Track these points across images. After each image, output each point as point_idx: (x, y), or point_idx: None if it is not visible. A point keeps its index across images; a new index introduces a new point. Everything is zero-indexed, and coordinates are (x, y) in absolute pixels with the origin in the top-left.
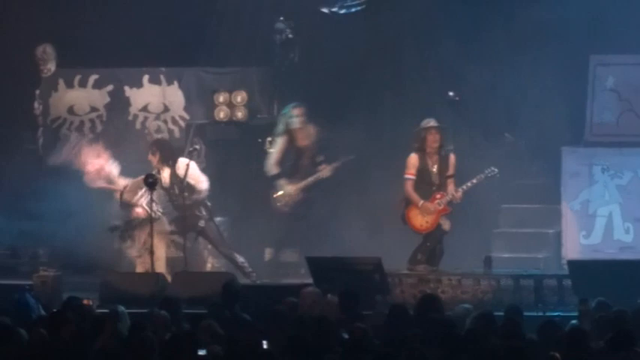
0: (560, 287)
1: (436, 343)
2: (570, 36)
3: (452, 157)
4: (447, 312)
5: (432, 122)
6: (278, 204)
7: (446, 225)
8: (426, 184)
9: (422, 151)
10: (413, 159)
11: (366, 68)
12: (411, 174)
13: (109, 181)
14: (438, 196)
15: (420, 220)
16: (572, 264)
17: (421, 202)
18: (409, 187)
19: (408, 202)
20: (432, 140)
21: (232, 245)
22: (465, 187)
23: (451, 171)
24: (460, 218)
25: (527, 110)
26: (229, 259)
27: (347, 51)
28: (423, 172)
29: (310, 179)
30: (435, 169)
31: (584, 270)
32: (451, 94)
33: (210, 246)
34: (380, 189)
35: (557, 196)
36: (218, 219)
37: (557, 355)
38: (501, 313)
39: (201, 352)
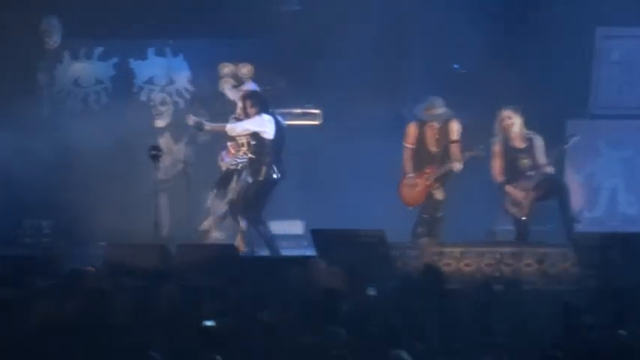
0: (565, 259)
1: (436, 315)
2: (576, 8)
3: (453, 123)
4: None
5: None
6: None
7: (439, 194)
8: (424, 154)
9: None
10: (412, 128)
11: (371, 40)
12: (409, 143)
13: None
14: (428, 170)
15: (408, 193)
16: (575, 236)
17: (410, 175)
18: (406, 157)
19: (404, 173)
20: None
21: None
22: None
23: (454, 137)
24: (465, 192)
25: (532, 83)
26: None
27: (353, 23)
28: (421, 141)
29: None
30: (435, 138)
31: (586, 243)
32: (456, 66)
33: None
34: (385, 159)
35: (562, 168)
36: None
37: None
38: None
39: (209, 323)
